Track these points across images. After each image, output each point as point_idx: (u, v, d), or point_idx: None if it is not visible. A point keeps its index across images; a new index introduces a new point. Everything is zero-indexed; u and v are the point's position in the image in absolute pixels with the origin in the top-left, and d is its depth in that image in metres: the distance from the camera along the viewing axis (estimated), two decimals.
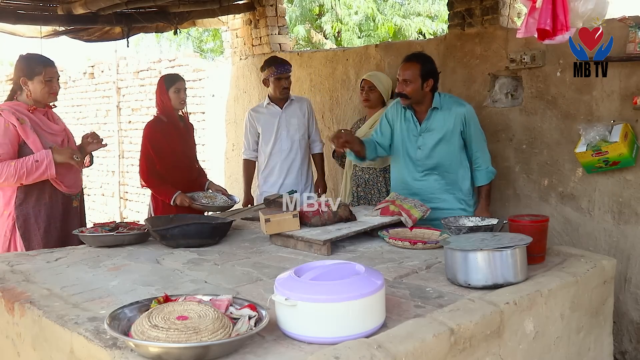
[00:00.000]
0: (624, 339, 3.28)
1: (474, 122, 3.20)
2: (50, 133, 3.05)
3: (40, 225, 2.96)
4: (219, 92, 6.54)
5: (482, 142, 3.24)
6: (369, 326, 1.54)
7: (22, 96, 3.03)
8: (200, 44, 15.73)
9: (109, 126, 8.67)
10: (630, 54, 2.97)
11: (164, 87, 3.67)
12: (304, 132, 4.22)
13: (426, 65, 3.14)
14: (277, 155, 4.20)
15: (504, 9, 3.77)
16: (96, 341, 1.53)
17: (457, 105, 3.19)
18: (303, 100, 4.34)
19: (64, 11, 4.91)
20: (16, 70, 3.04)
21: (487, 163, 3.25)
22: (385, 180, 3.91)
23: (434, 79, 3.16)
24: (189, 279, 2.16)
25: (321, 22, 13.53)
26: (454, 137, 3.17)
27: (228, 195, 3.75)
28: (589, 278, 2.10)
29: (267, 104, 4.21)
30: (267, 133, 4.19)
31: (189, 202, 3.50)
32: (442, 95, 3.22)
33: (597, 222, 3.31)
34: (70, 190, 3.10)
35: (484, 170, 3.23)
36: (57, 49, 11.62)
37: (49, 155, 2.90)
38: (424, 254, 2.41)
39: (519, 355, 1.80)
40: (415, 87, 3.12)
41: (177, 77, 3.76)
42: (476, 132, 3.20)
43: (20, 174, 2.85)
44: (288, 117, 4.18)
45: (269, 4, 5.68)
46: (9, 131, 2.88)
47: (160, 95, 3.69)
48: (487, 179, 3.24)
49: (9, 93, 3.09)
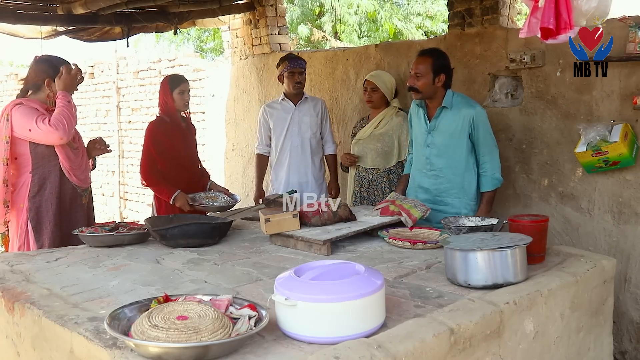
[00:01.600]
0: (624, 339, 3.28)
1: (483, 126, 3.13)
2: None
3: (51, 219, 3.00)
4: (219, 92, 6.55)
5: (490, 147, 3.16)
6: (369, 326, 1.54)
7: (38, 95, 3.07)
8: (200, 43, 15.73)
9: (108, 126, 8.68)
10: (630, 54, 2.97)
11: (168, 88, 3.68)
12: (315, 131, 4.23)
13: (439, 60, 3.15)
14: (287, 151, 4.22)
15: (504, 8, 3.77)
16: (96, 341, 1.53)
17: (467, 106, 3.14)
18: (318, 100, 4.35)
19: (64, 11, 4.91)
20: (37, 72, 3.07)
21: (494, 170, 3.15)
22: (389, 181, 3.91)
23: (446, 74, 3.14)
24: (189, 279, 2.16)
25: (321, 22, 13.53)
26: (462, 139, 3.13)
27: (230, 194, 3.74)
28: (589, 278, 2.10)
29: (282, 99, 4.25)
30: (278, 128, 4.24)
31: (188, 205, 3.50)
32: (454, 95, 3.19)
33: (597, 222, 3.31)
34: (80, 183, 3.15)
35: (489, 176, 3.15)
36: (57, 49, 11.62)
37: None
38: (424, 254, 2.41)
39: (519, 355, 1.80)
40: (427, 82, 3.12)
41: (181, 79, 3.77)
42: (485, 136, 3.13)
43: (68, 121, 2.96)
44: (301, 115, 4.20)
45: (269, 4, 5.68)
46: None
47: (164, 96, 3.70)
48: (492, 186, 3.15)
49: (19, 92, 3.11)
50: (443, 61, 3.16)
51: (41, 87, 3.05)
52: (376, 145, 3.93)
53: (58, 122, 2.92)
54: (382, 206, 2.89)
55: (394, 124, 3.92)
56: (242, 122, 6.15)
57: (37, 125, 2.91)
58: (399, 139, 3.90)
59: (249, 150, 6.08)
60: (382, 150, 3.92)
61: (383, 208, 2.86)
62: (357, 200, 4.00)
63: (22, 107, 2.97)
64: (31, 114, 2.94)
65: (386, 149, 3.91)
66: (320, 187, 4.25)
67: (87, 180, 3.25)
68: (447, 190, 3.18)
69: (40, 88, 3.06)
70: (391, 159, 3.93)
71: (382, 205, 2.90)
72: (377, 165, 3.93)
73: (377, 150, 3.92)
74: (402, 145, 3.91)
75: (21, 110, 2.95)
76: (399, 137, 3.90)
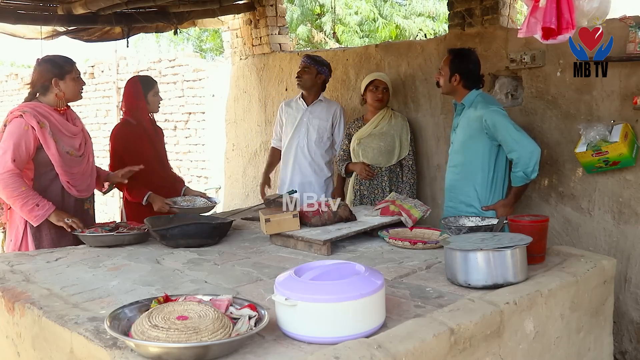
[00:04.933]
0: (624, 339, 3.28)
1: (501, 125, 3.06)
2: (69, 136, 3.03)
3: (51, 226, 2.94)
4: (219, 92, 6.55)
5: (514, 144, 3.05)
6: (369, 326, 1.54)
7: (46, 97, 3.01)
8: (200, 43, 15.73)
9: (108, 126, 8.67)
10: (630, 54, 2.97)
11: (140, 91, 3.57)
12: (322, 135, 4.23)
13: (456, 60, 3.25)
14: (292, 150, 4.25)
15: (504, 9, 3.77)
16: (96, 341, 1.53)
17: (482, 107, 3.15)
18: (334, 104, 4.35)
19: (64, 11, 4.91)
20: (43, 72, 3.01)
21: (524, 166, 3.04)
22: (390, 180, 3.95)
23: (460, 75, 3.22)
24: (189, 279, 2.16)
25: (321, 22, 13.53)
26: (479, 139, 3.15)
27: (207, 197, 3.67)
28: (589, 278, 2.10)
29: (298, 98, 4.30)
30: (288, 126, 4.29)
31: (167, 205, 3.39)
32: (477, 95, 3.24)
33: (597, 222, 3.31)
34: (81, 195, 3.09)
35: (515, 172, 3.09)
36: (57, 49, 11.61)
37: (49, 210, 2.86)
38: (424, 254, 2.41)
39: (519, 355, 1.80)
40: (445, 79, 3.29)
41: (153, 80, 3.69)
42: (505, 134, 3.06)
43: (15, 200, 2.82)
44: (312, 116, 4.22)
45: (269, 4, 5.68)
46: (27, 134, 2.85)
47: (135, 99, 3.56)
48: (519, 182, 3.11)
49: (27, 95, 3.05)
50: (460, 63, 3.24)
51: (49, 88, 2.99)
52: (379, 144, 3.96)
53: (10, 184, 2.79)
54: (382, 206, 2.89)
55: (394, 124, 3.98)
56: (242, 122, 6.15)
57: (3, 158, 2.80)
58: (400, 138, 3.97)
59: (249, 150, 6.08)
60: (384, 148, 3.96)
61: (383, 208, 2.87)
62: (357, 198, 4.01)
63: (19, 122, 2.86)
64: (11, 139, 2.83)
65: (389, 147, 3.96)
66: (323, 191, 4.23)
67: (89, 189, 3.18)
68: (461, 188, 3.24)
69: (48, 89, 3.00)
70: (392, 158, 3.98)
71: (382, 205, 2.90)
72: (378, 163, 3.96)
73: (380, 149, 3.96)
74: (402, 144, 3.97)
75: (15, 125, 2.86)
76: (400, 137, 3.97)
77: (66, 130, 3.02)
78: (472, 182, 3.21)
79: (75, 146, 3.06)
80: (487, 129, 3.11)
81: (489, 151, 3.17)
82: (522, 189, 3.17)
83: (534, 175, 3.08)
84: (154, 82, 3.69)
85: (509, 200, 3.18)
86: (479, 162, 3.19)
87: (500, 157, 3.20)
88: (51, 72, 3.00)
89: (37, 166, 2.94)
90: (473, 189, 3.21)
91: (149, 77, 3.80)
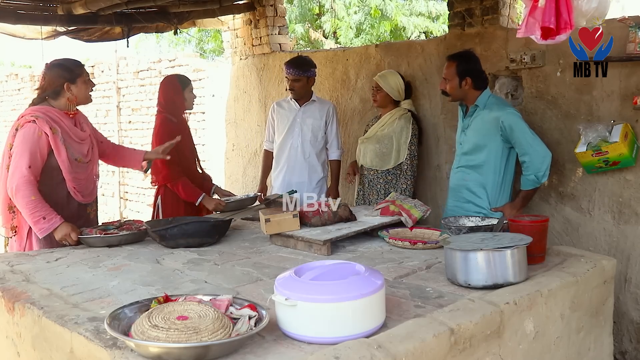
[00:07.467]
0: (624, 339, 3.28)
1: (518, 127, 3.06)
2: (78, 142, 3.01)
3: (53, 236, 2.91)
4: (219, 92, 6.55)
5: (527, 148, 3.05)
6: (369, 326, 1.54)
7: (57, 101, 2.98)
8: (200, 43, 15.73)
9: (109, 126, 8.68)
10: (630, 54, 2.97)
11: (179, 88, 3.62)
12: (317, 134, 4.20)
13: (462, 63, 3.19)
14: (286, 151, 4.22)
15: (504, 9, 3.78)
16: (96, 341, 1.53)
17: (498, 108, 3.13)
18: (326, 103, 4.32)
19: (64, 11, 4.91)
20: (54, 77, 2.98)
21: (535, 170, 3.04)
22: (386, 183, 3.90)
23: (471, 77, 3.17)
24: (189, 279, 2.16)
25: (321, 21, 13.53)
26: (492, 140, 3.13)
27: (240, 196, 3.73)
28: (589, 278, 2.09)
29: (290, 98, 4.24)
30: (280, 127, 4.24)
31: (221, 206, 3.44)
32: (490, 96, 3.22)
33: (597, 222, 3.31)
34: (85, 200, 3.08)
35: (525, 176, 3.08)
36: (57, 49, 11.62)
37: (54, 225, 2.81)
38: (424, 254, 2.41)
39: (519, 355, 1.80)
40: (453, 85, 3.21)
41: (187, 78, 3.75)
42: (520, 138, 3.06)
43: (24, 209, 2.81)
44: (304, 117, 4.19)
45: (269, 4, 5.68)
46: (41, 140, 2.84)
47: (174, 95, 3.61)
48: (529, 186, 3.10)
49: (35, 99, 3.02)
50: (467, 64, 3.20)
51: (60, 92, 2.97)
52: (375, 146, 3.92)
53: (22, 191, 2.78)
54: (382, 206, 2.89)
55: (395, 127, 3.89)
56: (242, 122, 6.15)
57: (19, 163, 2.79)
58: (398, 142, 3.88)
59: (249, 150, 6.08)
60: (379, 151, 3.91)
61: (383, 208, 2.87)
62: (359, 198, 4.01)
63: (32, 127, 2.84)
64: (25, 146, 2.81)
65: (384, 150, 3.90)
66: (317, 191, 4.20)
67: (92, 193, 3.16)
68: (471, 188, 3.22)
69: (59, 94, 2.97)
70: (388, 161, 3.90)
71: (382, 205, 2.90)
72: (374, 166, 3.93)
73: (375, 151, 3.92)
74: (401, 148, 3.88)
75: (28, 131, 2.84)
76: (398, 140, 3.88)
77: (75, 136, 3.00)
78: (484, 183, 3.19)
79: (84, 152, 3.05)
80: (503, 130, 3.09)
81: (501, 153, 3.16)
82: (531, 193, 3.16)
83: (545, 180, 3.09)
84: (188, 80, 3.73)
85: (517, 203, 3.17)
86: (492, 164, 3.17)
87: (510, 159, 3.19)
88: (62, 77, 2.98)
89: (45, 171, 2.90)
90: (484, 190, 3.19)
91: (184, 75, 3.85)
